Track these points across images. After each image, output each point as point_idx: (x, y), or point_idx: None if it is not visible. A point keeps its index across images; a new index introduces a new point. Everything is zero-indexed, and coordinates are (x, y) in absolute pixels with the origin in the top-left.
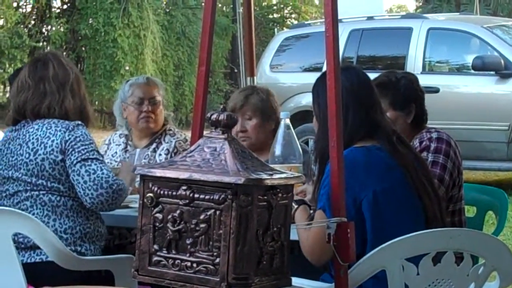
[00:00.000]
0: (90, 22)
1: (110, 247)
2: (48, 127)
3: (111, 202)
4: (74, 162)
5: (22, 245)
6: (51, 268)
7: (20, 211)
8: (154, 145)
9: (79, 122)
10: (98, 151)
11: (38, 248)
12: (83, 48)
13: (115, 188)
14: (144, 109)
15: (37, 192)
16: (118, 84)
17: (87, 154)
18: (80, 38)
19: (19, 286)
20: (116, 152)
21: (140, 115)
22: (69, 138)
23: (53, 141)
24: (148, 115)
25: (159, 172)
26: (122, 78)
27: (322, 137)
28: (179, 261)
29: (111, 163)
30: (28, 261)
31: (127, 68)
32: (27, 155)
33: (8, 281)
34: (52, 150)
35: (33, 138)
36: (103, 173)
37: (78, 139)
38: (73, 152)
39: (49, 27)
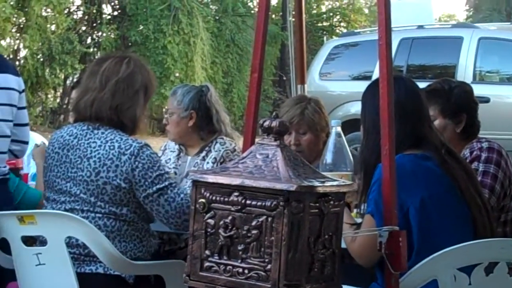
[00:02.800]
0: (140, 28)
1: (160, 252)
2: (111, 147)
3: None
4: (150, 192)
5: (74, 255)
6: (101, 279)
7: (73, 215)
8: (203, 153)
9: (143, 143)
10: (166, 171)
11: (88, 260)
12: (128, 53)
13: None
14: (164, 122)
15: (93, 215)
16: (168, 90)
17: (160, 182)
18: (130, 44)
19: (71, 286)
20: (170, 159)
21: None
22: (136, 166)
23: (117, 166)
24: (167, 128)
25: (211, 178)
26: (172, 85)
27: (367, 146)
28: (230, 267)
29: (163, 164)
30: (78, 271)
31: (177, 74)
32: (88, 174)
33: (61, 283)
34: (116, 176)
35: (95, 156)
36: (181, 199)
37: (146, 166)
38: (145, 183)
39: (100, 33)
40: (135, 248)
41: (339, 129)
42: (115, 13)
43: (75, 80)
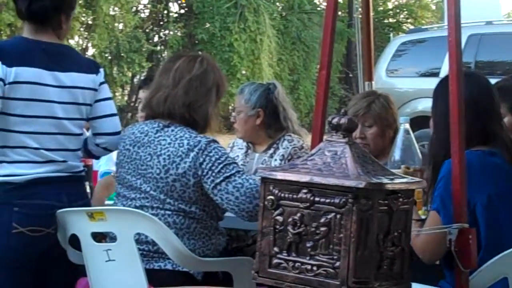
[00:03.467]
0: (206, 26)
1: (228, 249)
2: (180, 144)
3: None
4: (218, 181)
5: (143, 252)
6: (169, 276)
7: (142, 212)
8: (271, 151)
9: (211, 139)
10: (234, 161)
11: (157, 256)
12: (200, 53)
13: None
14: (231, 120)
15: (163, 212)
16: (234, 88)
17: (228, 171)
18: (197, 42)
19: (141, 285)
20: (238, 156)
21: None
22: (204, 160)
23: (185, 162)
24: (235, 126)
25: (280, 175)
26: (238, 83)
27: (436, 141)
28: (299, 263)
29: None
30: (147, 267)
31: (243, 72)
32: (157, 171)
33: (130, 279)
34: (185, 173)
35: (164, 154)
36: (250, 184)
37: (213, 158)
38: (212, 174)
39: (167, 31)
40: (204, 246)
41: (407, 126)
42: (182, 11)
43: (142, 78)
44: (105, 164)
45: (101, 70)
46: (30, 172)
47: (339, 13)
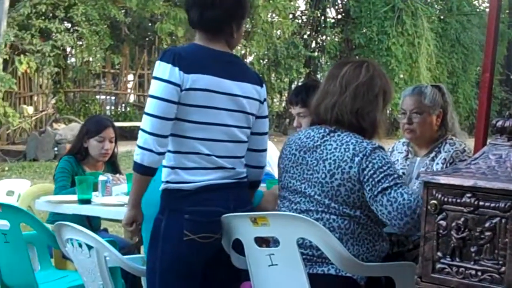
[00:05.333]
0: (364, 31)
1: (389, 254)
2: (346, 149)
3: (420, 226)
4: (375, 192)
5: (306, 256)
6: (332, 280)
7: (305, 217)
8: (433, 154)
9: (377, 145)
10: (396, 173)
11: (320, 261)
12: (357, 57)
13: (419, 212)
14: (403, 121)
15: (327, 216)
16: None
17: (386, 182)
18: (354, 47)
19: (303, 287)
20: (397, 160)
21: (404, 126)
22: (367, 166)
23: (350, 167)
24: (407, 128)
25: (443, 179)
26: (396, 87)
27: None
28: (463, 268)
29: (394, 165)
30: (310, 272)
31: (401, 76)
32: (323, 175)
33: (292, 283)
34: (350, 178)
35: (330, 158)
36: (404, 199)
37: (376, 166)
38: (372, 183)
39: (324, 37)
40: (368, 252)
41: None
42: (339, 16)
43: (292, 91)
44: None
45: (264, 85)
46: (201, 179)
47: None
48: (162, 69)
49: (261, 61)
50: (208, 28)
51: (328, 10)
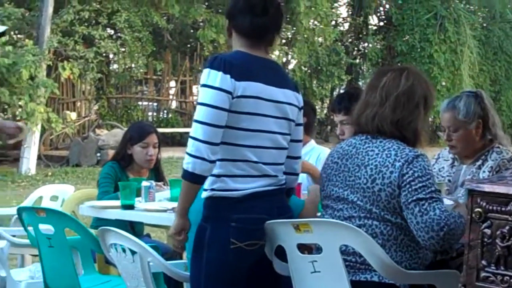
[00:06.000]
0: (406, 38)
1: (432, 262)
2: (388, 155)
3: (442, 244)
4: (409, 200)
5: (349, 263)
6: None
7: (349, 224)
8: (479, 162)
9: (419, 153)
10: (434, 186)
11: (363, 268)
12: (399, 65)
13: (446, 231)
14: (444, 137)
15: (370, 222)
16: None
17: (423, 193)
18: (396, 54)
19: None
20: (443, 167)
21: (445, 141)
22: (407, 172)
23: (391, 172)
24: (448, 144)
25: (487, 187)
26: (438, 94)
27: None
28: (507, 277)
29: (437, 177)
30: (353, 278)
31: (443, 83)
32: (364, 181)
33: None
34: (390, 183)
35: (371, 164)
36: (435, 214)
37: (416, 174)
38: (409, 189)
39: (366, 44)
40: (411, 259)
41: None
42: (381, 23)
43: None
44: (306, 178)
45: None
46: (247, 187)
47: None
48: (213, 76)
49: (302, 68)
50: (256, 36)
51: (370, 17)
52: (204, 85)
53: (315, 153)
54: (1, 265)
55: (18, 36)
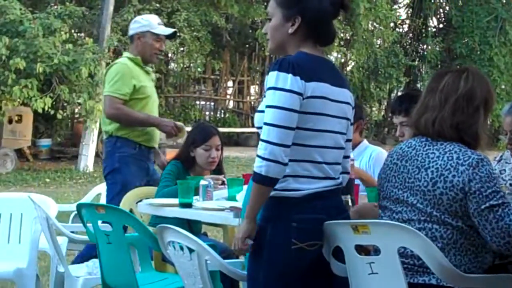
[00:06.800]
0: (465, 40)
1: (490, 266)
2: (450, 158)
3: None
4: (482, 207)
5: (407, 266)
6: None
7: (407, 226)
8: None
9: (482, 156)
10: (501, 190)
11: (422, 271)
12: (464, 67)
13: None
14: (506, 141)
15: (430, 225)
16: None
17: (494, 199)
18: (455, 57)
19: None
20: (504, 170)
21: (507, 145)
22: (474, 178)
23: (453, 176)
24: (509, 148)
25: None
26: (497, 97)
27: None
28: None
29: (499, 181)
30: (411, 281)
31: (503, 87)
32: (425, 183)
33: None
34: (453, 186)
35: (432, 167)
36: (510, 220)
37: (483, 179)
38: (479, 196)
39: (425, 46)
40: (470, 263)
41: None
42: (441, 25)
43: (394, 99)
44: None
45: None
46: (309, 187)
47: None
48: (282, 79)
49: (361, 69)
50: (329, 40)
51: (429, 19)
52: (274, 88)
53: (368, 152)
54: (60, 260)
55: (79, 34)
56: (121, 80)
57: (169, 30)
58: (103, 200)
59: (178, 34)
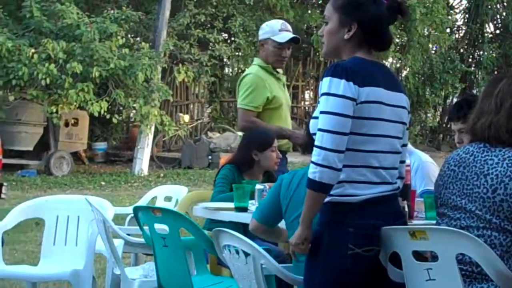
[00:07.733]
0: None
1: None
2: (509, 164)
3: None
4: None
5: (465, 272)
6: None
7: (467, 233)
8: None
9: None
10: None
11: (480, 278)
12: None
13: None
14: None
15: (489, 232)
16: None
17: None
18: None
19: None
20: None
21: None
22: None
23: None
24: None
25: None
26: None
27: None
28: None
29: None
30: None
31: None
32: (484, 190)
33: None
34: None
35: (492, 173)
36: None
37: None
38: None
39: (481, 52)
40: None
41: None
42: (497, 31)
43: (452, 105)
44: (421, 183)
45: None
46: (366, 192)
47: None
48: (335, 84)
49: (416, 75)
50: (385, 46)
51: (486, 24)
52: (328, 94)
53: (411, 159)
54: (116, 262)
55: (135, 39)
56: (254, 92)
57: (288, 37)
58: (158, 203)
59: (233, 38)
